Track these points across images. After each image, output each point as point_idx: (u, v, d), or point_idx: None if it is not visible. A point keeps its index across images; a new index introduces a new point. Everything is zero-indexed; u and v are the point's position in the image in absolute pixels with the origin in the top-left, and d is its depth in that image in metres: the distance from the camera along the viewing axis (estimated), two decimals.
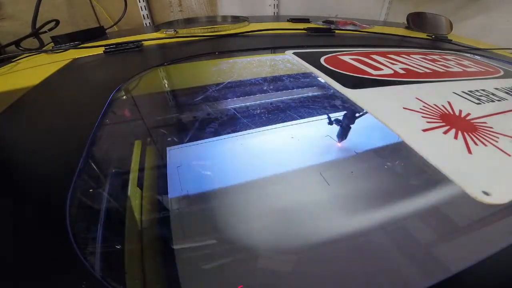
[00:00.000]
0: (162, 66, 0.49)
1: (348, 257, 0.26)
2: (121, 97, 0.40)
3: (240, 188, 0.33)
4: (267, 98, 0.48)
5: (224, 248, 0.26)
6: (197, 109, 0.43)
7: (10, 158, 0.26)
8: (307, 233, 0.28)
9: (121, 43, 0.56)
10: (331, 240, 0.27)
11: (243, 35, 0.68)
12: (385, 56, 0.49)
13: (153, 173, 0.35)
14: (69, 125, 0.30)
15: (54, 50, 0.56)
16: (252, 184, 0.34)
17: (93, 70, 0.49)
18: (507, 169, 0.22)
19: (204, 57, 0.53)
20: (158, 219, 0.29)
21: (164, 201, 0.30)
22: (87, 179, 0.26)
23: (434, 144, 0.24)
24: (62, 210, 0.19)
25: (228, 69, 0.55)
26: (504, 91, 0.38)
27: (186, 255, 0.25)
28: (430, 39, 0.79)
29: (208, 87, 0.48)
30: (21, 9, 1.17)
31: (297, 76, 0.53)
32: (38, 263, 0.16)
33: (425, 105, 0.31)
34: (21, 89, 0.38)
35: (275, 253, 0.26)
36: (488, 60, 0.57)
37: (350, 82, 0.36)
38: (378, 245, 0.28)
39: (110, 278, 0.16)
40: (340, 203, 0.33)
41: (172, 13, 1.45)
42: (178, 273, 0.22)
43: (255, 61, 0.57)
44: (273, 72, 0.54)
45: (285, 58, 0.55)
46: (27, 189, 0.22)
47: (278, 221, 0.29)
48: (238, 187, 0.34)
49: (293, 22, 0.89)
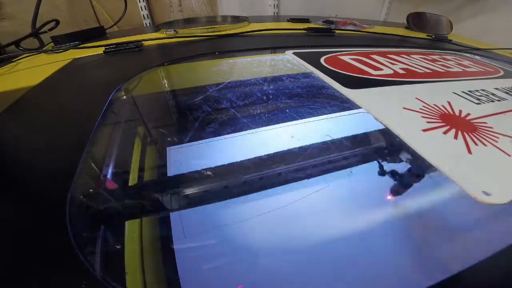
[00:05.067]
0: (162, 66, 0.49)
1: (348, 257, 0.26)
2: (121, 97, 0.40)
3: (240, 189, 0.33)
4: (267, 98, 0.48)
5: (224, 248, 0.26)
6: (197, 109, 0.43)
7: (10, 158, 0.26)
8: (307, 232, 0.28)
9: (121, 43, 0.56)
10: (331, 240, 0.27)
11: (243, 35, 0.68)
12: (385, 56, 0.49)
13: (153, 173, 0.35)
14: (69, 125, 0.30)
15: (54, 50, 0.56)
16: (251, 184, 0.34)
17: (93, 70, 0.49)
18: (507, 169, 0.22)
19: (204, 57, 0.53)
20: (158, 219, 0.29)
21: (164, 200, 0.30)
22: (87, 179, 0.26)
23: (434, 144, 0.24)
24: (62, 210, 0.19)
25: (228, 69, 0.55)
26: (504, 91, 0.38)
27: (186, 255, 0.25)
28: (430, 39, 0.79)
29: (208, 87, 0.48)
30: (21, 9, 1.17)
31: (297, 76, 0.53)
32: (38, 263, 0.16)
33: (425, 105, 0.31)
34: (21, 89, 0.38)
35: (275, 253, 0.26)
36: (488, 60, 0.57)
37: (350, 82, 0.36)
38: (378, 245, 0.28)
39: (110, 278, 0.16)
40: (340, 203, 0.33)
41: (172, 13, 1.45)
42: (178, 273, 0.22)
43: (255, 61, 0.57)
44: (273, 72, 0.54)
45: (285, 58, 0.55)
46: (27, 189, 0.22)
47: (278, 221, 0.29)
48: (237, 187, 0.34)
49: (293, 22, 0.89)
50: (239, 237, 0.27)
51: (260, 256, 0.25)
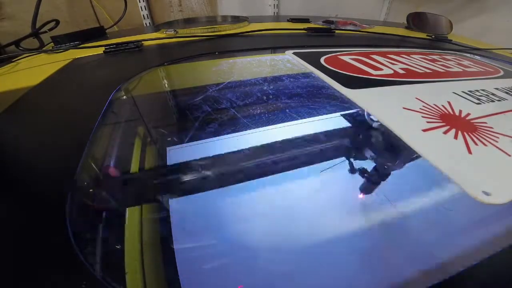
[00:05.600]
0: (162, 66, 0.49)
1: (347, 257, 0.26)
2: (121, 97, 0.40)
3: (240, 188, 0.33)
4: (267, 98, 0.48)
5: (224, 248, 0.26)
6: (197, 109, 0.43)
7: (10, 158, 0.26)
8: (306, 232, 0.28)
9: (121, 43, 0.56)
10: (331, 240, 0.27)
11: (243, 35, 0.68)
12: (385, 56, 0.49)
13: (152, 172, 0.35)
14: (69, 125, 0.30)
15: (54, 50, 0.56)
16: (251, 184, 0.34)
17: (93, 70, 0.49)
18: (507, 169, 0.22)
19: (204, 57, 0.53)
20: (158, 219, 0.29)
21: (164, 200, 0.30)
22: (87, 179, 0.26)
23: (434, 144, 0.24)
24: (62, 210, 0.19)
25: (228, 69, 0.55)
26: (504, 91, 0.38)
27: (186, 255, 0.25)
28: (430, 39, 0.79)
29: (208, 87, 0.48)
30: (21, 9, 1.17)
31: (297, 76, 0.53)
32: (38, 263, 0.16)
33: (425, 105, 0.31)
34: (21, 89, 0.38)
35: (274, 253, 0.26)
36: (488, 60, 0.57)
37: (350, 82, 0.36)
38: (378, 245, 0.28)
39: (110, 278, 0.16)
40: (340, 202, 0.33)
41: (172, 13, 1.45)
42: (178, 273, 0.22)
43: (255, 61, 0.57)
44: (273, 72, 0.54)
45: (285, 58, 0.55)
46: (27, 189, 0.22)
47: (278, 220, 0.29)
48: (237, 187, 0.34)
49: (293, 22, 0.89)
50: (240, 236, 0.27)
51: (261, 256, 0.25)
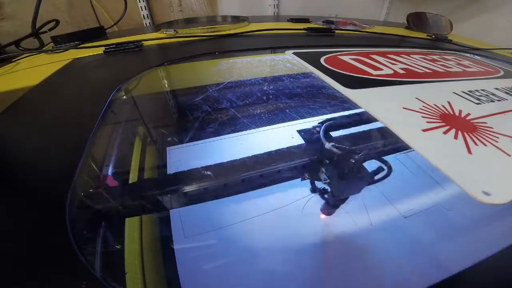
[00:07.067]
0: (162, 66, 0.49)
1: (347, 257, 0.26)
2: (121, 97, 0.40)
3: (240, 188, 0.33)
4: (267, 98, 0.48)
5: (224, 248, 0.26)
6: (197, 109, 0.43)
7: (10, 158, 0.26)
8: (306, 232, 0.28)
9: (121, 43, 0.56)
10: (331, 240, 0.27)
11: (243, 35, 0.68)
12: (385, 56, 0.49)
13: (153, 172, 0.35)
14: (69, 125, 0.30)
15: (54, 50, 0.56)
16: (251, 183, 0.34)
17: (93, 70, 0.49)
18: (507, 169, 0.22)
19: (204, 57, 0.53)
20: (158, 219, 0.29)
21: (164, 200, 0.31)
22: (87, 179, 0.26)
23: (434, 144, 0.24)
24: (62, 209, 0.19)
25: (228, 69, 0.55)
26: (504, 91, 0.38)
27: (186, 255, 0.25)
28: (430, 39, 0.79)
29: (208, 87, 0.48)
30: (21, 9, 1.17)
31: (297, 76, 0.53)
32: (38, 263, 0.16)
33: (425, 105, 0.31)
34: (21, 89, 0.38)
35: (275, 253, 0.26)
36: (488, 60, 0.57)
37: (350, 82, 0.36)
38: (378, 245, 0.28)
39: (110, 278, 0.16)
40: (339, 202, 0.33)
41: (172, 13, 1.45)
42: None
43: (255, 61, 0.57)
44: (273, 72, 0.54)
45: (285, 58, 0.55)
46: (27, 189, 0.22)
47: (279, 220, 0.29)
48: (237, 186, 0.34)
49: (293, 22, 0.89)
50: (239, 236, 0.27)
51: (260, 255, 0.25)
